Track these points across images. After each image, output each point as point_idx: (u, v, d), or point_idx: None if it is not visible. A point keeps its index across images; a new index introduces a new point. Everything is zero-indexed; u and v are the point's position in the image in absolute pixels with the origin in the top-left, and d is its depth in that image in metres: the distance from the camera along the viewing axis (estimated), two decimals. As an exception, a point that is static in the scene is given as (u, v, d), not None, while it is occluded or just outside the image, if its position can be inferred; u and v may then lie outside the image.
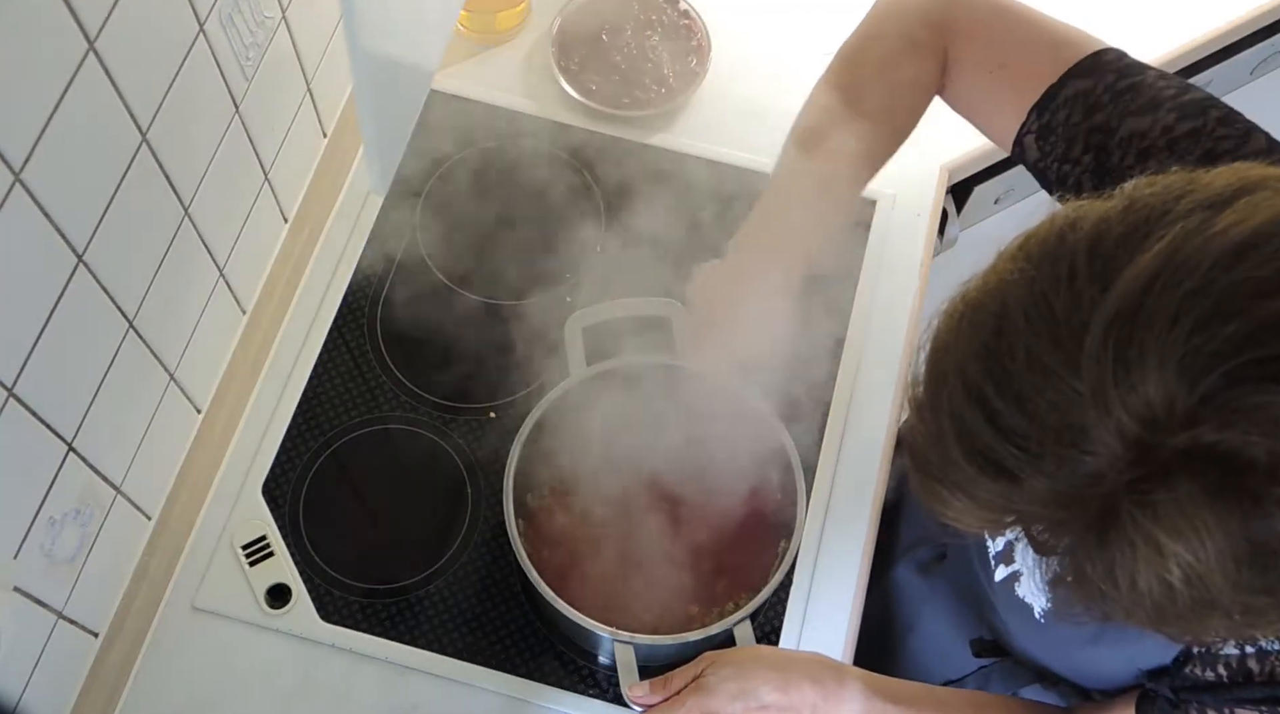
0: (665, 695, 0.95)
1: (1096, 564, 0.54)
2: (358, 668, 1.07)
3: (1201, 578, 0.51)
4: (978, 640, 1.03)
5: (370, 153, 0.95)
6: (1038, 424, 0.53)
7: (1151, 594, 0.53)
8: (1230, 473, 0.50)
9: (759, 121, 1.33)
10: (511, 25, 1.36)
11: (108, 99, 0.80)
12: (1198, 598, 0.52)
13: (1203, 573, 0.51)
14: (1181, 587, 0.52)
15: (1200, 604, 0.52)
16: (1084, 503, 0.53)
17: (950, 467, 0.57)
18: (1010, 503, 0.56)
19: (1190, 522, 0.50)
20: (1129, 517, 0.52)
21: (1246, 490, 0.50)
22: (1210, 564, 0.51)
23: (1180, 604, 0.53)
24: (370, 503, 1.15)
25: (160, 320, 0.96)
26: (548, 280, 1.25)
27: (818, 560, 1.13)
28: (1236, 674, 0.74)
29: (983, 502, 0.57)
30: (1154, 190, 0.56)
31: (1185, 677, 0.78)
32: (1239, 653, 0.74)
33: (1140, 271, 0.52)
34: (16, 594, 0.85)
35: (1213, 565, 0.51)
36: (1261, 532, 0.50)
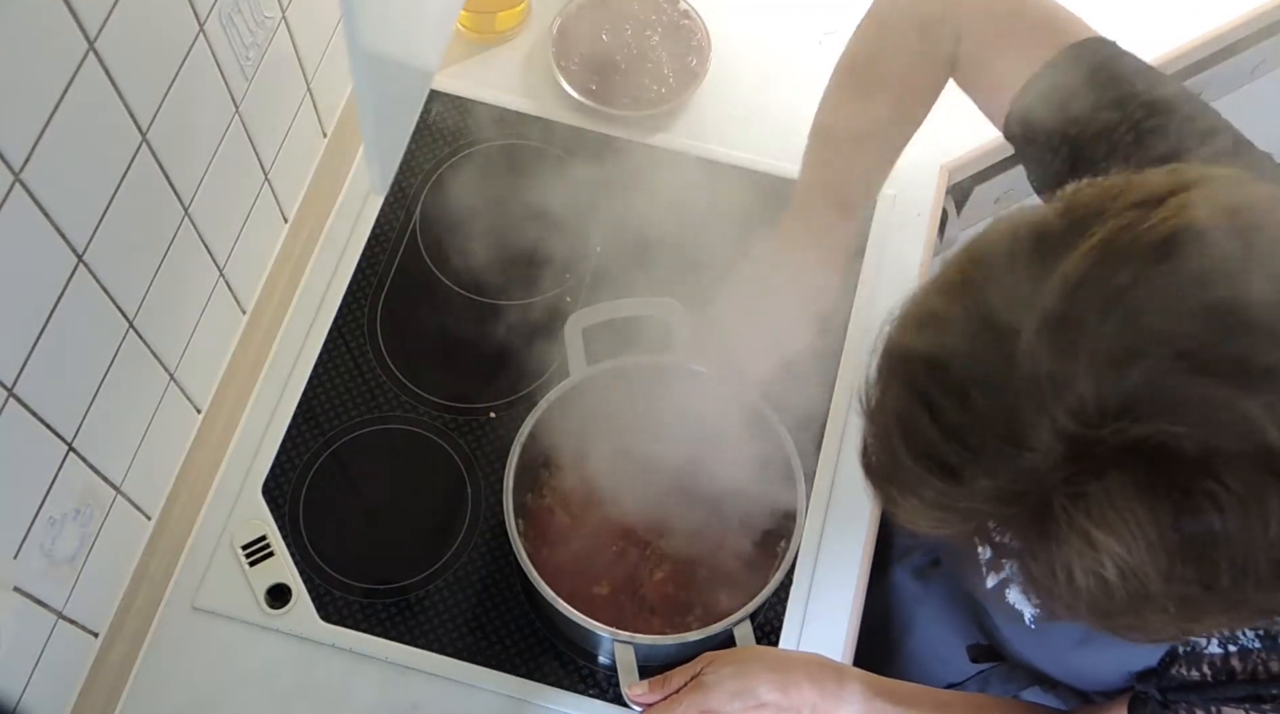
0: (664, 694, 0.95)
1: (1039, 560, 0.55)
2: (358, 668, 1.07)
3: (1135, 571, 0.52)
4: (974, 646, 1.04)
5: (370, 153, 0.95)
6: (978, 422, 0.54)
7: (1089, 589, 0.53)
8: (1160, 466, 0.51)
9: (759, 121, 1.33)
10: (511, 25, 1.36)
11: (108, 99, 0.80)
12: (1133, 591, 0.53)
13: (1136, 566, 0.52)
14: (1116, 580, 0.52)
15: (1136, 598, 0.53)
16: (1026, 500, 0.54)
17: (897, 468, 0.58)
18: (956, 502, 0.57)
19: (1121, 515, 0.51)
20: (1063, 511, 0.53)
21: (1176, 483, 0.50)
22: (1143, 557, 0.51)
23: (1117, 598, 0.53)
24: (370, 503, 1.15)
25: (160, 320, 0.96)
26: (548, 280, 1.25)
27: (818, 561, 1.13)
28: (1220, 673, 0.75)
29: (930, 501, 0.58)
30: (1092, 192, 0.57)
31: (1171, 677, 0.78)
32: (1222, 652, 0.74)
33: (1072, 269, 0.53)
34: (16, 594, 0.85)
35: (1145, 558, 0.51)
36: (1192, 525, 0.51)
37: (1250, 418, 0.49)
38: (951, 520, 0.58)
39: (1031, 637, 0.92)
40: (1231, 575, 0.51)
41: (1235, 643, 0.74)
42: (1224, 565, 0.51)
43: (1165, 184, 0.56)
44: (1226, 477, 0.50)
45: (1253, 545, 0.51)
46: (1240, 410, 0.49)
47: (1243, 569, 0.51)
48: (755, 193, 1.29)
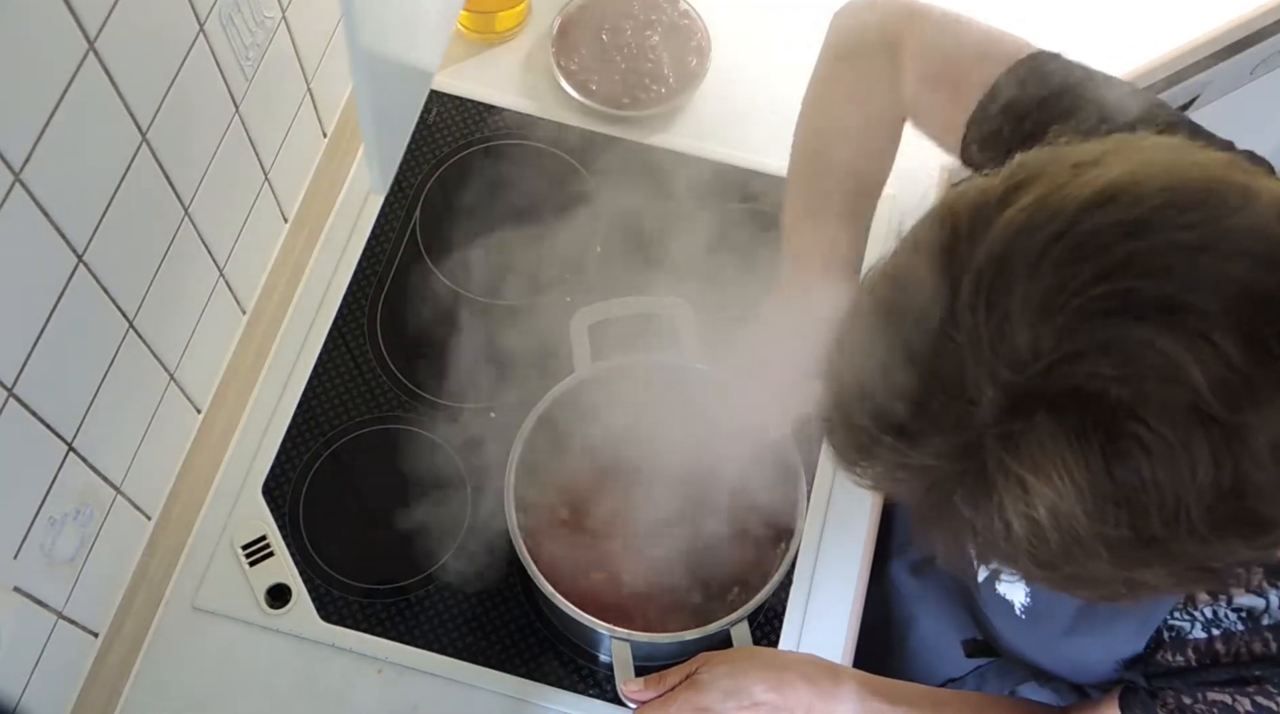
0: (659, 692, 0.95)
1: (980, 512, 0.56)
2: (358, 668, 1.07)
3: (1065, 514, 0.52)
4: (969, 641, 1.04)
5: (370, 153, 0.95)
6: (925, 378, 0.56)
7: (1025, 536, 0.54)
8: (1088, 409, 0.51)
9: (759, 121, 1.33)
10: (511, 25, 1.36)
11: (108, 99, 0.80)
12: (1065, 536, 0.53)
13: (1066, 509, 0.52)
14: (1049, 525, 0.53)
15: (1069, 542, 0.54)
16: (973, 455, 0.55)
17: (852, 429, 0.60)
18: (907, 459, 0.58)
19: (1051, 459, 0.52)
20: (995, 458, 0.54)
21: (1103, 426, 0.51)
22: (1071, 500, 0.52)
23: (1052, 544, 0.54)
24: (370, 503, 1.15)
25: (160, 320, 0.96)
26: (547, 280, 1.25)
27: (818, 560, 1.13)
28: (1204, 657, 0.75)
29: (884, 460, 0.59)
30: (1030, 157, 0.59)
31: (1157, 663, 0.78)
32: (1206, 636, 0.75)
33: (1008, 221, 0.55)
34: (16, 594, 0.85)
35: (1073, 501, 0.52)
36: (1120, 468, 0.51)
37: (1175, 360, 0.50)
38: (909, 480, 0.59)
39: (1022, 627, 0.92)
40: (1163, 521, 0.52)
41: (1219, 626, 0.74)
42: (1154, 511, 0.52)
43: (1104, 147, 0.57)
44: (1153, 420, 0.50)
45: (1182, 490, 0.51)
46: (1165, 352, 0.50)
47: (1174, 515, 0.52)
48: (755, 193, 1.29)
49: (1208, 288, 0.51)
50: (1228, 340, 0.50)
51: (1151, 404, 0.50)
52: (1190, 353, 0.50)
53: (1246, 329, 0.50)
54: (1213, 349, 0.50)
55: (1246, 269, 0.51)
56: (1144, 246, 0.52)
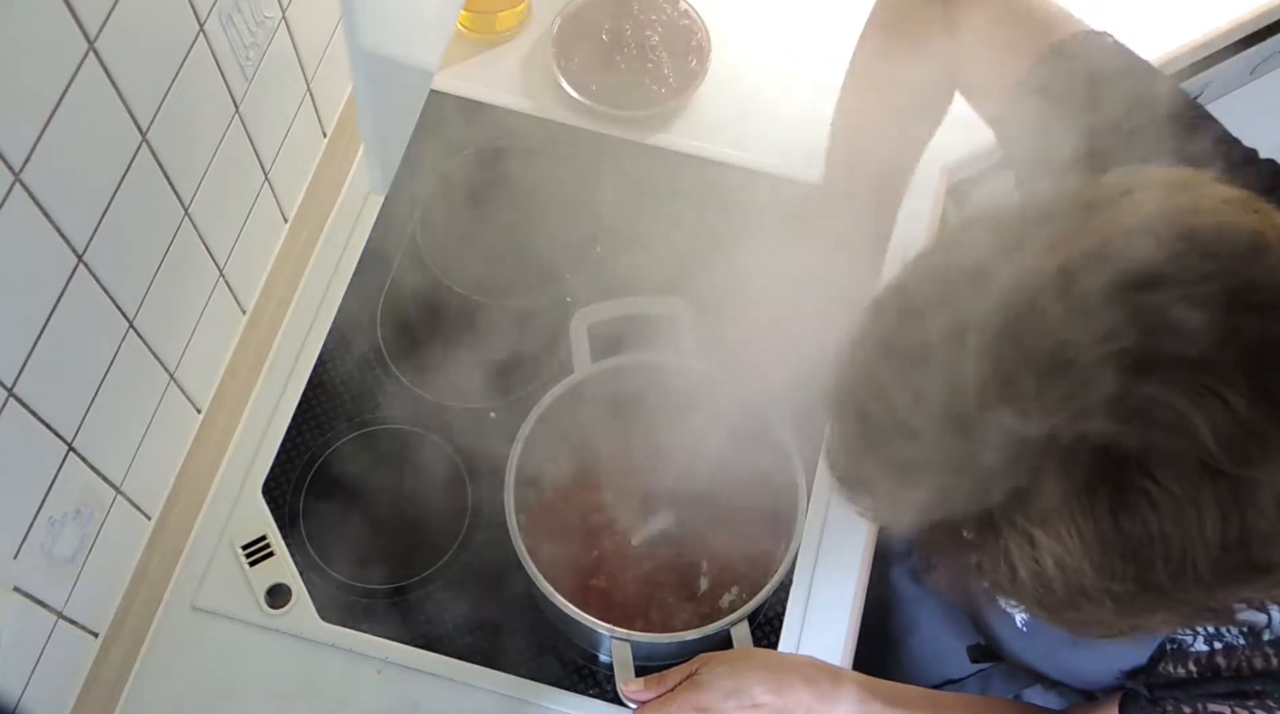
0: (659, 692, 0.95)
1: (985, 552, 0.56)
2: (358, 668, 1.07)
3: (1072, 567, 0.52)
4: (974, 646, 1.04)
5: (370, 153, 0.94)
6: (930, 420, 0.55)
7: (1030, 582, 0.54)
8: (1096, 463, 0.51)
9: (759, 121, 1.33)
10: (511, 25, 1.36)
11: (108, 99, 0.80)
12: (1071, 586, 0.53)
13: (1073, 563, 0.52)
14: (1055, 575, 0.53)
15: (1074, 592, 0.54)
16: (975, 496, 0.55)
17: (855, 462, 0.60)
18: (911, 497, 0.58)
19: (1059, 513, 0.52)
20: (1002, 509, 0.54)
21: (1112, 481, 0.51)
22: (1079, 554, 0.52)
23: (1057, 592, 0.54)
24: (370, 503, 1.15)
25: (160, 320, 0.96)
26: (547, 280, 1.25)
27: (818, 561, 1.13)
28: (1206, 670, 0.75)
29: (883, 497, 0.59)
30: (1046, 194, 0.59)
31: (1159, 674, 0.79)
32: (1208, 649, 0.75)
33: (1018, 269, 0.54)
34: (16, 594, 0.85)
35: (1081, 555, 0.52)
36: (1128, 522, 0.51)
37: (1184, 415, 0.50)
38: (909, 515, 0.59)
39: (1024, 638, 0.92)
40: (1169, 573, 0.52)
41: (1221, 640, 0.74)
42: (1160, 564, 0.52)
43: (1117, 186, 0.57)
44: (1161, 475, 0.50)
45: (1189, 544, 0.51)
46: (1173, 407, 0.50)
47: (1180, 567, 0.52)
48: (755, 193, 1.29)
49: (1216, 342, 0.50)
50: (1236, 394, 0.49)
51: (1159, 459, 0.50)
52: (1198, 408, 0.50)
53: (1255, 382, 0.50)
54: (1221, 404, 0.49)
55: (1256, 322, 0.51)
56: (1153, 301, 0.51)
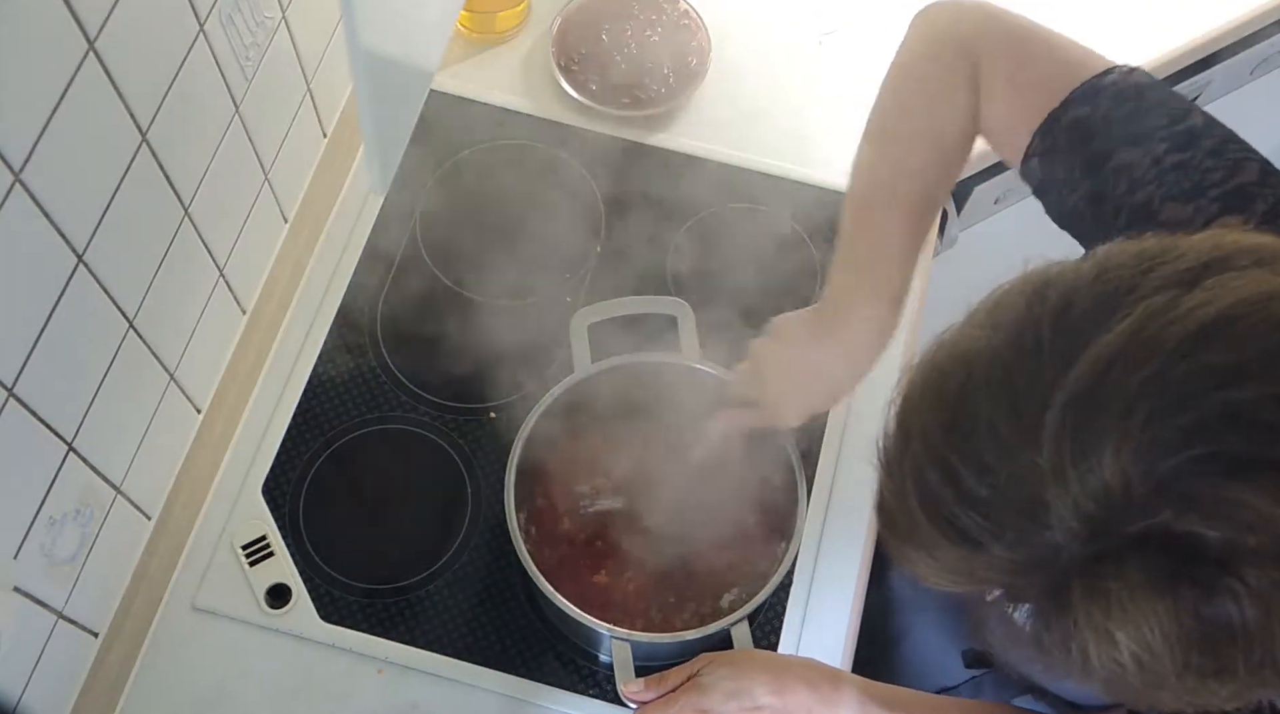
0: (660, 693, 0.95)
1: (1052, 633, 0.54)
2: (358, 668, 1.07)
3: (1150, 663, 0.51)
4: (969, 652, 1.03)
5: (370, 153, 0.95)
6: (999, 494, 0.53)
7: (1103, 671, 0.53)
8: (1181, 560, 0.50)
9: (759, 121, 1.33)
10: (511, 25, 1.36)
11: (108, 99, 0.80)
12: (1148, 679, 0.52)
13: (1151, 658, 0.51)
14: (1132, 667, 0.52)
15: (1150, 684, 0.53)
16: (1043, 573, 0.54)
17: (914, 527, 0.57)
18: (971, 567, 0.56)
19: (1139, 608, 0.51)
20: (1080, 600, 0.52)
21: (1196, 578, 0.50)
22: (1158, 649, 0.51)
23: (1130, 682, 0.53)
24: (370, 503, 1.15)
25: (160, 320, 0.96)
26: (547, 280, 1.25)
27: (817, 561, 1.13)
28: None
29: (944, 564, 0.57)
30: (1125, 259, 0.56)
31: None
32: None
33: (1101, 352, 0.52)
34: (16, 594, 0.85)
35: (1161, 651, 0.51)
36: (1211, 619, 0.50)
37: (1272, 518, 0.49)
38: (965, 583, 0.58)
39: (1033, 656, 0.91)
40: (1248, 666, 0.51)
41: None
42: (1241, 659, 0.51)
43: (1201, 258, 0.54)
44: (1248, 574, 0.49)
45: (1271, 641, 0.50)
46: (1261, 511, 0.49)
47: (1260, 661, 0.51)
48: (755, 193, 1.29)
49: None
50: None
51: (1245, 557, 0.49)
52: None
53: None
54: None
55: None
56: (1243, 397, 0.50)
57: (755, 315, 1.20)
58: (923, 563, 0.58)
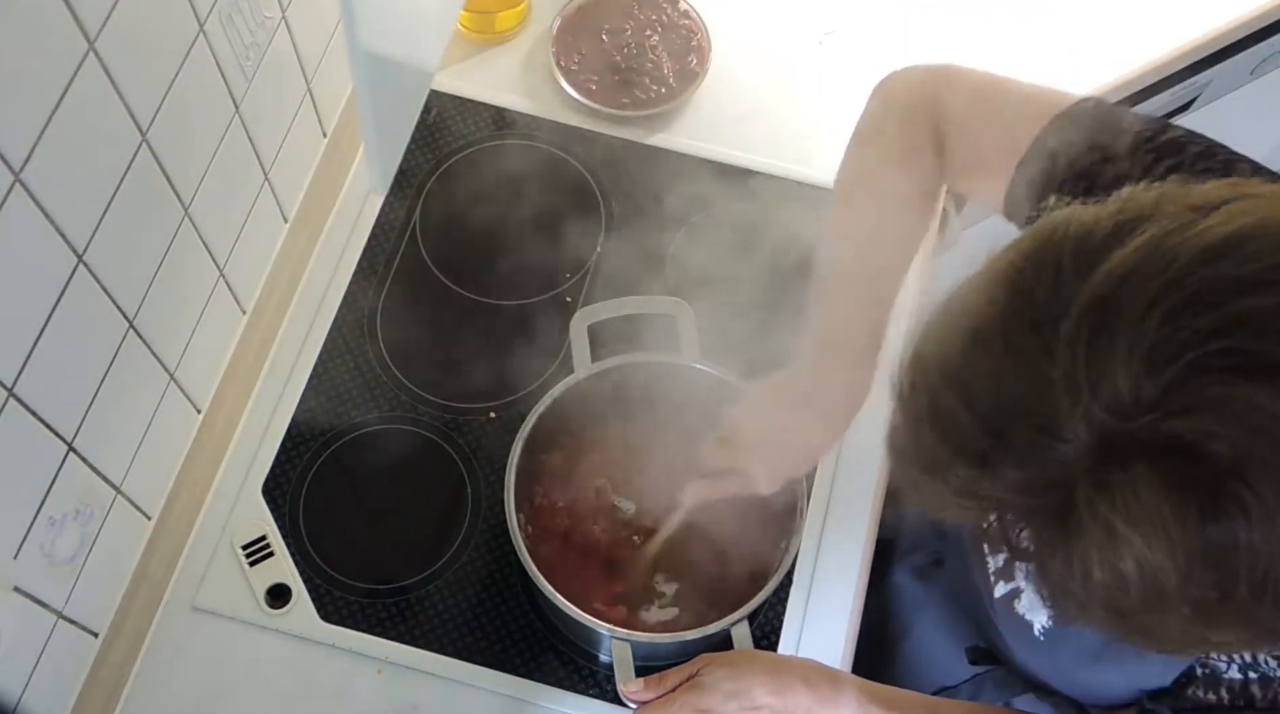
0: (659, 693, 0.95)
1: (1056, 554, 0.55)
2: (358, 668, 1.07)
3: (1154, 568, 0.51)
4: (974, 649, 1.03)
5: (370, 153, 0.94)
6: (1011, 409, 0.54)
7: (1105, 583, 0.53)
8: (1190, 465, 0.50)
9: (759, 121, 1.33)
10: (511, 25, 1.36)
11: (108, 99, 0.80)
12: (1149, 589, 0.52)
13: (1155, 562, 0.51)
14: (1134, 575, 0.52)
15: (1152, 596, 0.52)
16: (1052, 491, 0.54)
17: (925, 451, 0.58)
18: (981, 488, 0.57)
19: (1145, 509, 0.51)
20: (1087, 501, 0.52)
21: (1205, 483, 0.50)
22: (1163, 554, 0.51)
23: (1133, 595, 0.53)
24: (370, 503, 1.15)
25: (160, 320, 0.96)
26: (547, 280, 1.25)
27: (817, 561, 1.13)
28: (1239, 698, 0.74)
29: (955, 487, 0.58)
30: (1148, 194, 0.57)
31: (1187, 699, 0.78)
32: (1242, 678, 0.74)
33: (1120, 262, 0.53)
34: (16, 594, 0.85)
35: (1164, 555, 0.51)
36: (1216, 528, 0.50)
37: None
38: (974, 508, 0.58)
39: (1039, 649, 0.91)
40: (1250, 586, 0.51)
41: (1256, 669, 0.73)
42: (1243, 574, 0.51)
43: (1220, 193, 0.55)
44: (1258, 485, 0.49)
45: (1275, 559, 0.50)
46: (1277, 416, 0.49)
47: (1261, 582, 0.51)
48: (755, 193, 1.29)
49: None
50: None
51: (1256, 466, 0.49)
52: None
53: None
54: None
55: None
56: (1264, 304, 0.50)
57: (755, 315, 1.20)
58: (933, 489, 0.59)
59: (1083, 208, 0.58)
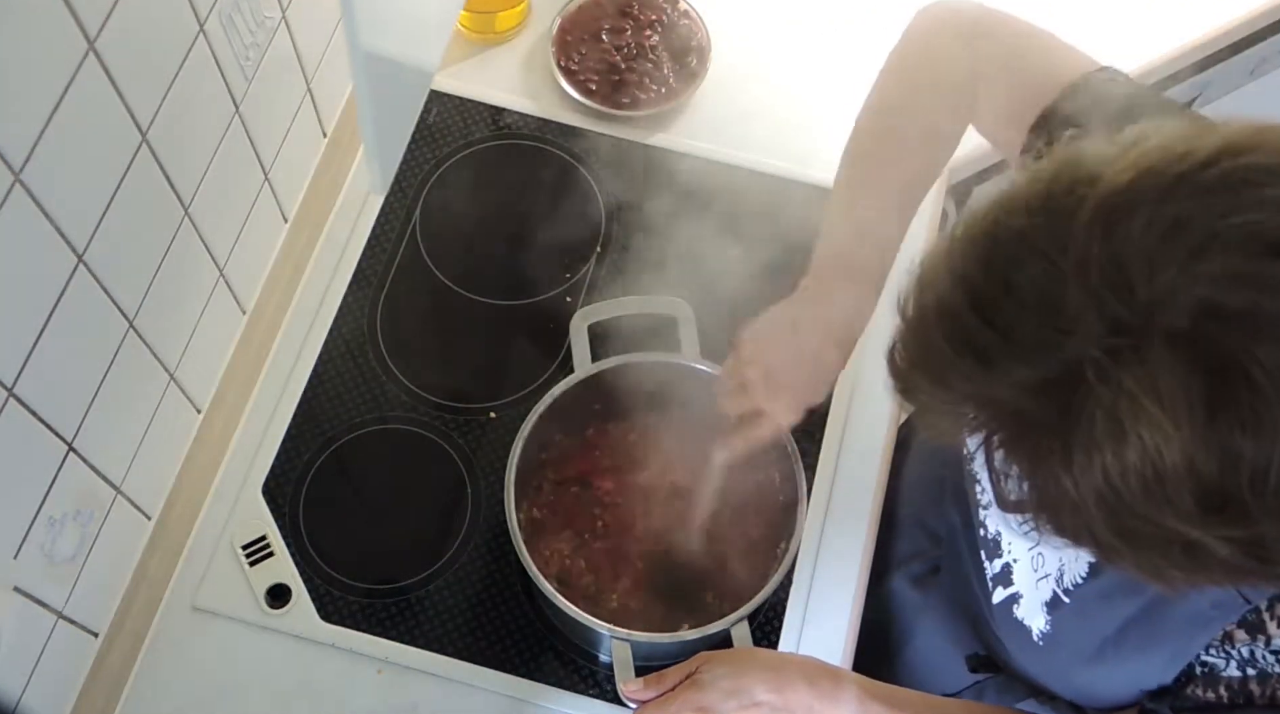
0: (659, 691, 0.95)
1: (1055, 455, 0.54)
2: (358, 668, 1.07)
3: (1157, 452, 0.51)
4: (973, 656, 1.03)
5: (370, 153, 0.95)
6: (1018, 303, 0.54)
7: (1107, 475, 0.52)
8: (1201, 347, 0.50)
9: (759, 121, 1.33)
10: (511, 25, 1.36)
11: (108, 99, 0.80)
12: (1149, 480, 0.51)
13: (1159, 447, 0.51)
14: (1136, 462, 0.51)
15: (1151, 488, 0.52)
16: (1057, 389, 0.53)
17: (928, 351, 0.58)
18: (980, 389, 0.56)
19: (1155, 393, 0.50)
20: (1092, 390, 0.52)
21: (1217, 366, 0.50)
22: (1169, 436, 0.50)
23: (1132, 492, 0.52)
24: (370, 503, 1.15)
25: (160, 320, 0.96)
26: (547, 280, 1.25)
27: (817, 562, 1.13)
28: (1237, 695, 0.74)
29: (955, 388, 0.57)
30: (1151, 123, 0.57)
31: (1186, 698, 0.78)
32: (1241, 675, 0.74)
33: (1139, 155, 0.53)
34: (16, 594, 0.85)
35: (1170, 438, 0.50)
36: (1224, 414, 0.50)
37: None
38: (973, 417, 0.57)
39: (1038, 654, 0.91)
40: (1249, 479, 0.50)
41: (1254, 666, 0.73)
42: (1246, 463, 0.50)
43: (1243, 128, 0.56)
44: (1270, 364, 0.49)
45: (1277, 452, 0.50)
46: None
47: (1262, 476, 0.50)
48: (755, 192, 1.29)
49: None
50: None
51: (1270, 348, 0.49)
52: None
53: None
54: None
55: None
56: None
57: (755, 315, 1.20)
58: (932, 390, 0.58)
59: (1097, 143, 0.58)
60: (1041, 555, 0.88)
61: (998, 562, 0.94)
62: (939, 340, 0.57)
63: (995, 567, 0.94)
